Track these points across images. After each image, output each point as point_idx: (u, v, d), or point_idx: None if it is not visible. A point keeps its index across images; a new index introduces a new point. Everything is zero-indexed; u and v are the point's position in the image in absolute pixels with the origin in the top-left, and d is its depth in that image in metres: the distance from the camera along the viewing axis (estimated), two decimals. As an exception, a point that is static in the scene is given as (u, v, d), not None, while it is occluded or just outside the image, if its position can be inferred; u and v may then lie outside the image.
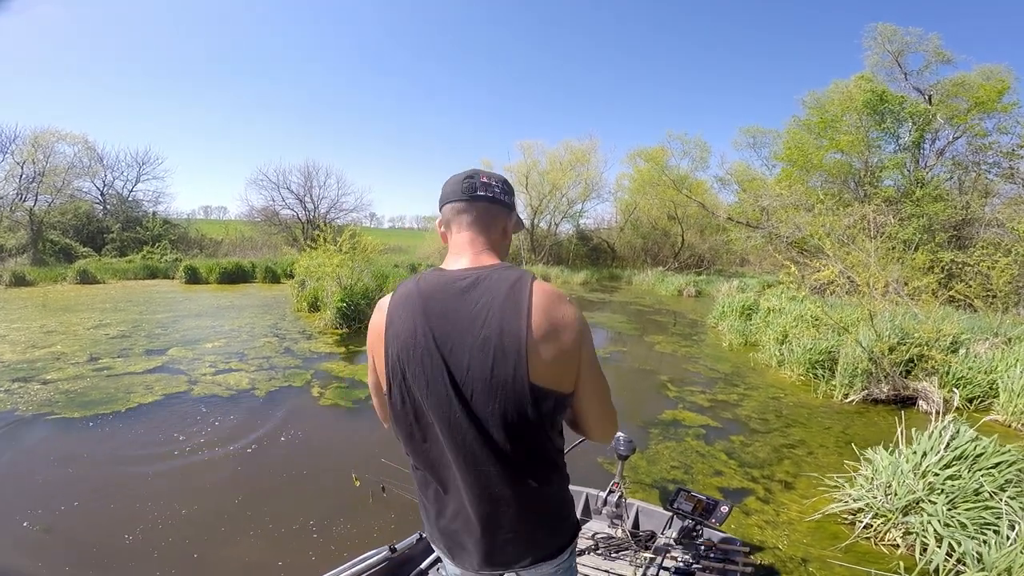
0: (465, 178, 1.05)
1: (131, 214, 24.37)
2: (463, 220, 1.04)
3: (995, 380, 5.51)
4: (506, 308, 0.90)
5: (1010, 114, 13.54)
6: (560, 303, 0.93)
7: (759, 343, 8.44)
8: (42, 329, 8.47)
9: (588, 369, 0.96)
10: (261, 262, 18.02)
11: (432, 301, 0.95)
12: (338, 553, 2.74)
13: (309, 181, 27.52)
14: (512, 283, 0.93)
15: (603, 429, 1.04)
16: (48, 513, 3.09)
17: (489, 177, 1.06)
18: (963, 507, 2.80)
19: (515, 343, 0.88)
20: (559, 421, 0.99)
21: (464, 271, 0.98)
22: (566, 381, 0.94)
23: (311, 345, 7.77)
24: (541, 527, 1.02)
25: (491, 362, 0.89)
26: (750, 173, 21.80)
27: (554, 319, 0.91)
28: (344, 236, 9.96)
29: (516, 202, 1.13)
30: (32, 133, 20.65)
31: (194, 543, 2.83)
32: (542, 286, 0.94)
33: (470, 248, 1.02)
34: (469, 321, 0.91)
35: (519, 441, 0.93)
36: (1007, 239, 10.59)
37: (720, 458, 4.14)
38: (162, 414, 4.78)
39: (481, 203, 1.04)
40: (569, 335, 0.92)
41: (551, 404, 0.93)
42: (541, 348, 0.89)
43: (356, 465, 3.68)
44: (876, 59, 15.43)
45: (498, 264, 1.00)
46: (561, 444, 1.03)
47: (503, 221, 1.07)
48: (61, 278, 15.61)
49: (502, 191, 1.06)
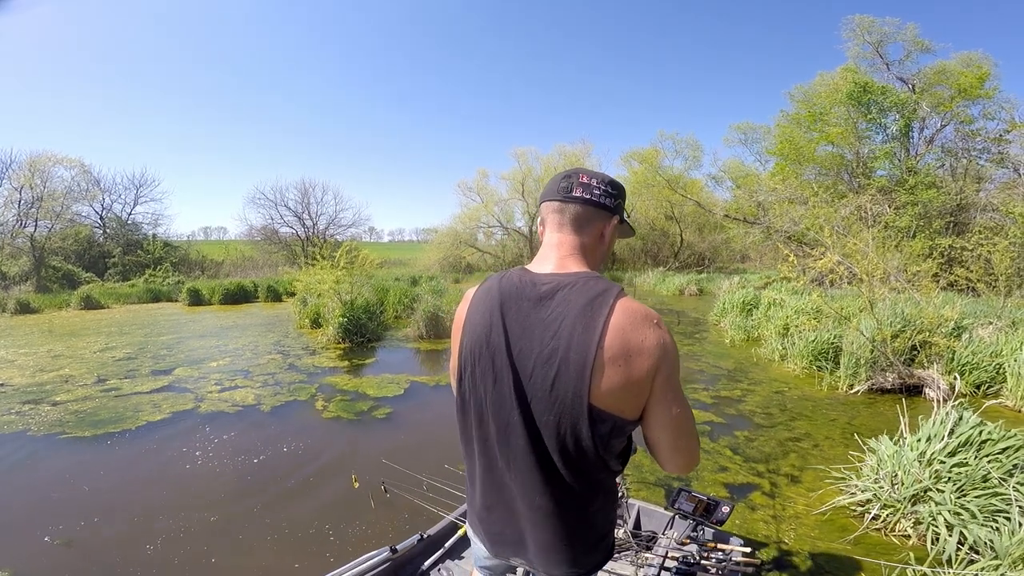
0: (564, 177, 1.01)
1: (131, 237, 24.55)
2: (556, 220, 1.01)
3: (1002, 364, 5.48)
4: (579, 323, 0.87)
5: (993, 100, 13.62)
6: (642, 326, 0.87)
7: (761, 338, 8.43)
8: (49, 353, 8.52)
9: (661, 398, 0.90)
10: (263, 281, 18.07)
11: (510, 301, 0.95)
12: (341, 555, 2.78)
13: (306, 198, 27.75)
14: (592, 297, 0.89)
15: (674, 463, 0.96)
16: (69, 528, 3.16)
17: (591, 177, 1.00)
18: (972, 494, 2.77)
19: (581, 361, 0.86)
20: (616, 445, 0.94)
21: (547, 275, 0.95)
22: (630, 408, 0.90)
23: (315, 360, 7.78)
24: (577, 543, 0.99)
25: (553, 375, 0.88)
26: (743, 169, 21.91)
27: (630, 343, 0.86)
28: (341, 251, 10.00)
29: (622, 204, 1.05)
30: (28, 158, 20.89)
31: (212, 550, 2.93)
32: (627, 305, 0.89)
33: (557, 251, 0.99)
34: (542, 329, 0.90)
35: (569, 457, 0.91)
36: (1006, 223, 10.59)
37: (725, 454, 4.13)
38: (171, 431, 4.84)
39: (576, 204, 0.99)
40: (643, 362, 0.87)
41: (608, 427, 0.90)
42: (608, 370, 0.86)
43: (359, 469, 3.72)
44: (857, 50, 15.57)
45: (584, 272, 0.95)
46: (618, 467, 0.98)
47: (600, 225, 1.01)
48: (65, 304, 15.69)
49: (603, 193, 0.99)
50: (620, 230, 1.07)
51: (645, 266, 24.58)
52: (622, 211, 1.04)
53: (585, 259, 0.99)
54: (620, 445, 0.96)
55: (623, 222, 1.06)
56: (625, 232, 1.09)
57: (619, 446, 0.96)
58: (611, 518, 1.04)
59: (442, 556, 2.20)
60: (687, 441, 0.94)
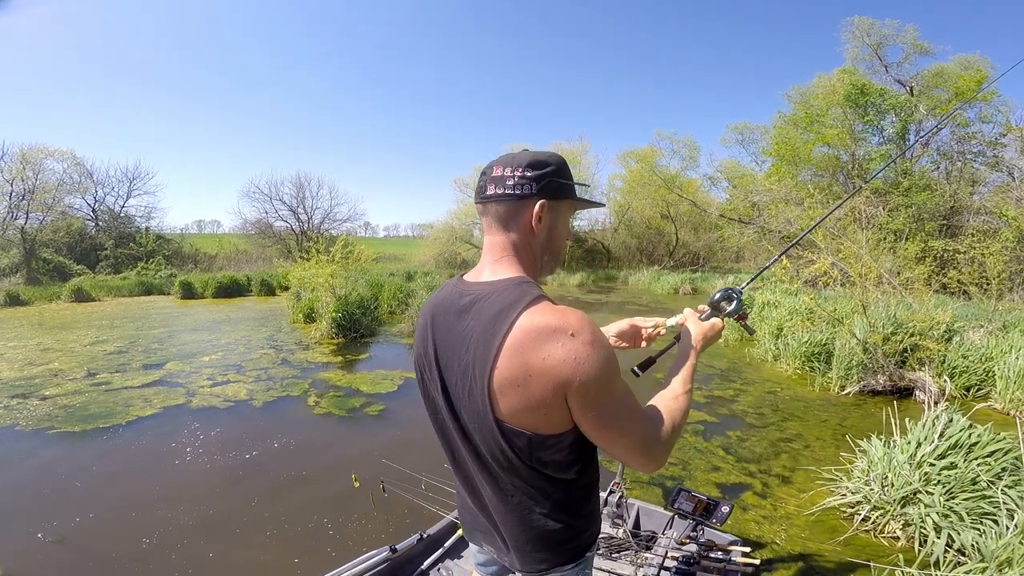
0: (481, 175, 0.94)
1: (124, 230, 24.27)
2: (484, 224, 0.95)
3: (992, 368, 5.53)
4: (482, 340, 0.83)
5: (990, 103, 13.69)
6: (546, 342, 0.78)
7: (754, 338, 8.47)
8: (39, 347, 8.43)
9: (585, 415, 0.83)
10: (256, 275, 17.94)
11: (439, 314, 0.94)
12: (339, 554, 2.77)
13: (301, 192, 27.55)
14: (498, 312, 0.83)
15: (636, 463, 0.89)
16: (62, 525, 3.14)
17: (504, 167, 0.91)
18: (961, 497, 2.80)
19: (481, 379, 0.82)
20: (550, 456, 0.87)
21: (474, 285, 0.92)
22: (546, 425, 0.84)
23: (308, 355, 7.75)
24: (530, 543, 0.96)
25: (468, 390, 0.86)
26: (739, 170, 21.98)
27: (528, 363, 0.79)
28: (336, 246, 9.94)
29: (553, 180, 0.91)
30: (20, 150, 20.59)
31: (209, 545, 2.94)
32: (530, 320, 0.80)
33: (489, 255, 0.94)
34: (460, 343, 0.88)
35: (501, 466, 0.89)
36: (999, 226, 10.67)
37: (718, 454, 4.15)
38: (162, 426, 4.81)
39: (492, 203, 0.92)
40: (545, 383, 0.79)
41: (524, 442, 0.84)
42: (507, 392, 0.81)
43: (356, 467, 3.70)
44: (855, 52, 15.61)
45: (506, 280, 0.89)
46: (565, 475, 0.91)
47: (526, 214, 0.91)
48: (56, 297, 15.53)
49: (519, 180, 0.89)
50: (569, 207, 0.98)
51: (640, 265, 24.60)
52: (555, 188, 0.92)
53: (519, 258, 0.93)
54: (559, 457, 0.88)
55: (567, 197, 0.95)
56: (580, 204, 1.00)
57: (558, 457, 0.88)
58: (570, 525, 0.96)
59: (442, 556, 2.19)
60: (637, 443, 0.87)
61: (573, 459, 0.90)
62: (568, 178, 0.95)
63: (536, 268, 0.96)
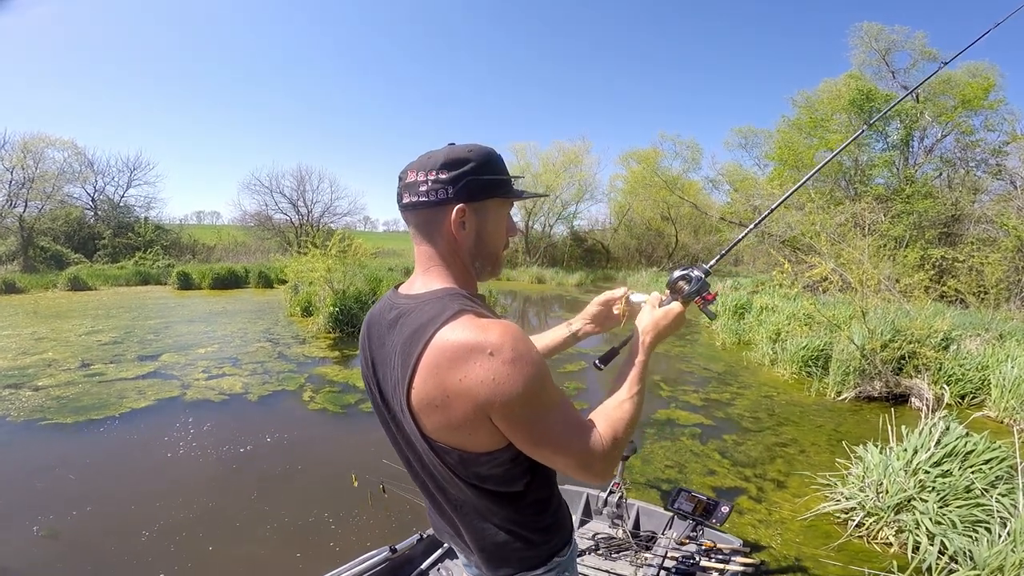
0: (398, 183, 0.87)
1: (123, 220, 24.18)
2: (411, 233, 0.89)
3: (987, 376, 5.54)
4: (399, 359, 0.80)
5: (996, 111, 13.67)
6: (462, 362, 0.73)
7: (752, 342, 8.46)
8: (33, 336, 8.39)
9: (514, 433, 0.77)
10: (254, 267, 17.92)
11: (373, 327, 0.92)
12: (336, 552, 2.77)
13: (302, 185, 27.41)
14: (414, 330, 0.78)
15: (580, 476, 0.82)
16: (57, 519, 3.10)
17: (417, 171, 0.82)
18: (954, 504, 2.80)
19: (404, 398, 0.79)
20: (488, 471, 0.82)
21: (403, 298, 0.88)
22: (473, 443, 0.79)
23: (304, 350, 7.73)
24: (485, 552, 0.92)
25: (399, 406, 0.83)
26: (742, 173, 21.92)
27: (445, 385, 0.74)
28: (334, 240, 9.92)
29: (471, 179, 0.81)
30: (22, 139, 20.50)
31: (208, 539, 2.92)
32: (445, 339, 0.74)
33: (418, 266, 0.90)
34: (388, 359, 0.85)
35: (445, 480, 0.87)
36: (999, 235, 10.68)
37: (714, 457, 4.14)
38: (156, 418, 4.77)
39: (409, 212, 0.86)
40: (464, 404, 0.74)
41: (456, 459, 0.81)
42: (427, 413, 0.78)
43: (351, 465, 3.68)
44: (863, 58, 15.55)
45: (429, 293, 0.84)
46: (512, 488, 0.86)
47: (445, 221, 0.83)
48: (52, 285, 15.48)
49: (432, 185, 0.81)
50: (500, 204, 0.88)
51: (639, 266, 24.62)
52: (475, 188, 0.82)
53: (447, 267, 0.87)
54: (498, 471, 0.82)
55: (494, 196, 0.85)
56: (513, 199, 0.90)
57: (497, 472, 0.82)
58: (532, 538, 0.91)
59: (441, 556, 2.19)
60: (575, 463, 0.80)
61: (518, 473, 0.85)
62: (494, 172, 0.85)
63: (469, 275, 0.90)
